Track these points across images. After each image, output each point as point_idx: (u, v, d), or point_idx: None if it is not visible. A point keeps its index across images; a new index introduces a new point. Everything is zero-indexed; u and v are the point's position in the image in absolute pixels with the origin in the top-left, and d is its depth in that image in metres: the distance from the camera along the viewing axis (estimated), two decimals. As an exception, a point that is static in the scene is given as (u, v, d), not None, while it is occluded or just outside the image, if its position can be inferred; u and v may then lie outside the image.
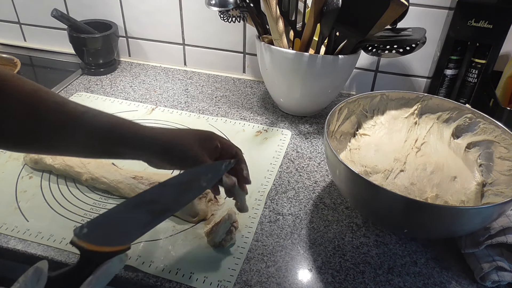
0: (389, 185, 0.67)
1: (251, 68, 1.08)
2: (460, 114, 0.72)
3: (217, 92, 1.02)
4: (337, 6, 0.72)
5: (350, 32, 0.76)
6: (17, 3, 1.14)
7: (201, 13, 1.02)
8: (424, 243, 0.63)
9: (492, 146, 0.67)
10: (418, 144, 0.73)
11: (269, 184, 0.73)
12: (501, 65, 0.87)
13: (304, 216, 0.67)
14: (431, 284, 0.58)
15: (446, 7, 0.88)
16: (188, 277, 0.56)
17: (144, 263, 0.58)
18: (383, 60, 0.98)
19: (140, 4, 1.05)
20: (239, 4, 0.81)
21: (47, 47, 1.19)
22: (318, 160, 0.80)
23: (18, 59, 0.92)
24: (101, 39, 1.02)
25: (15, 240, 0.61)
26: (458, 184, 0.67)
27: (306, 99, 0.88)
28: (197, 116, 0.91)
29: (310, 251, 0.62)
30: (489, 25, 0.81)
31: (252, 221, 0.66)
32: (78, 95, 0.97)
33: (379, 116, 0.76)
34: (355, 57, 0.83)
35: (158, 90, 1.01)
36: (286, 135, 0.87)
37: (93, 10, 1.09)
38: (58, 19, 0.97)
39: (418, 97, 0.74)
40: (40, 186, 0.71)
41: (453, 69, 0.89)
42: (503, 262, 0.56)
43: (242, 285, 0.56)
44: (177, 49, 1.10)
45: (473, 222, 0.54)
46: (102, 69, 1.07)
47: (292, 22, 0.81)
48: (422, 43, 0.77)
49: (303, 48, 0.82)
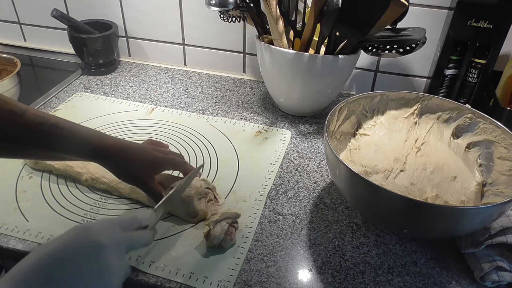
0: (389, 185, 0.67)
1: (251, 68, 1.08)
2: (460, 114, 0.72)
3: (217, 92, 1.02)
4: (337, 6, 0.72)
5: (350, 32, 0.76)
6: (17, 3, 1.14)
7: (201, 13, 1.02)
8: (424, 243, 0.63)
9: (492, 146, 0.67)
10: (418, 144, 0.73)
11: (269, 184, 0.73)
12: (501, 65, 0.87)
13: (304, 216, 0.67)
14: (431, 284, 0.58)
15: (446, 7, 0.88)
16: (188, 277, 0.56)
17: (144, 263, 0.58)
18: (383, 60, 0.98)
19: (140, 4, 1.05)
20: (239, 4, 0.81)
21: (47, 47, 1.19)
22: (318, 160, 0.80)
23: (18, 59, 0.91)
24: (101, 39, 1.02)
25: (15, 240, 0.61)
26: (458, 184, 0.67)
27: (306, 99, 0.88)
28: (197, 116, 0.91)
29: (310, 251, 0.62)
30: (489, 25, 0.81)
31: (252, 221, 0.66)
32: (78, 95, 0.97)
33: (379, 116, 0.76)
34: (355, 57, 0.83)
35: (158, 90, 1.01)
36: (286, 135, 0.87)
37: (93, 10, 1.09)
38: (58, 19, 0.97)
39: (418, 97, 0.74)
40: (40, 186, 0.71)
41: (453, 69, 0.89)
42: (503, 262, 0.56)
43: (242, 285, 0.56)
44: (177, 49, 1.10)
45: (473, 222, 0.54)
46: (102, 69, 1.07)
47: (292, 22, 0.81)
48: (422, 43, 0.77)
49: (303, 48, 0.82)
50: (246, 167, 0.77)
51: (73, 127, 0.58)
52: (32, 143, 0.55)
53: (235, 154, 0.80)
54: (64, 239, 0.42)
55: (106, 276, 0.42)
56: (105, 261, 0.42)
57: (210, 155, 0.80)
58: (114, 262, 0.43)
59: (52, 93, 0.98)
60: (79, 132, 0.58)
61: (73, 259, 0.40)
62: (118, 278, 0.44)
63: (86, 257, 0.41)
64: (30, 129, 0.53)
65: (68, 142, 0.56)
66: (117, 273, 0.43)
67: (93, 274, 0.41)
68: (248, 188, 0.72)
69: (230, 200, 0.69)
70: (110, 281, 0.42)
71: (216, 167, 0.77)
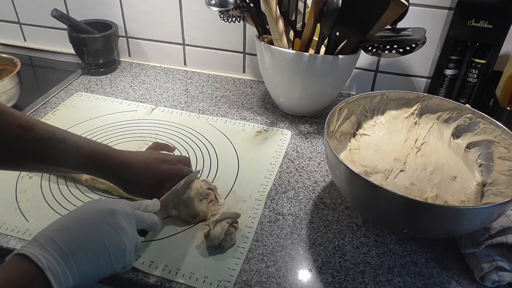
0: (389, 185, 0.67)
1: (251, 68, 1.08)
2: (460, 114, 0.72)
3: (217, 92, 1.02)
4: (337, 6, 0.72)
5: (350, 32, 0.76)
6: (17, 3, 1.14)
7: (201, 13, 1.02)
8: (424, 243, 0.63)
9: (492, 146, 0.67)
10: (418, 144, 0.73)
11: (269, 184, 0.73)
12: (501, 65, 0.87)
13: (304, 216, 0.67)
14: (431, 284, 0.58)
15: (446, 7, 0.88)
16: (188, 277, 0.56)
17: (144, 263, 0.58)
18: (383, 60, 0.98)
19: (140, 4, 1.05)
20: (239, 4, 0.81)
21: (47, 47, 1.19)
22: (318, 160, 0.80)
23: (18, 59, 0.91)
24: (101, 39, 1.02)
25: (15, 240, 0.61)
26: (458, 184, 0.67)
27: (306, 99, 0.88)
28: (197, 116, 0.91)
29: (310, 251, 0.62)
30: (489, 25, 0.81)
31: (252, 221, 0.66)
32: (78, 95, 0.97)
33: (379, 116, 0.76)
34: (355, 57, 0.83)
35: (158, 90, 1.01)
36: (286, 135, 0.87)
37: (93, 10, 1.09)
38: (58, 19, 0.97)
39: (418, 97, 0.74)
40: (40, 186, 0.71)
41: (453, 69, 0.89)
42: (503, 262, 0.56)
43: (242, 285, 0.56)
44: (177, 49, 1.10)
45: (473, 222, 0.54)
46: (102, 69, 1.07)
47: (292, 22, 0.81)
48: (422, 43, 0.77)
49: (303, 48, 0.82)
50: (246, 167, 0.77)
51: (81, 142, 0.57)
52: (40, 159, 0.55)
53: (235, 154, 0.80)
54: (80, 209, 0.48)
55: (121, 236, 0.46)
56: (118, 223, 0.47)
57: (210, 155, 0.80)
58: (126, 227, 0.47)
59: (52, 93, 0.98)
60: (87, 147, 0.57)
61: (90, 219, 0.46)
62: (131, 245, 0.48)
63: (102, 217, 0.46)
64: (38, 144, 0.53)
65: (76, 158, 0.56)
66: (130, 239, 0.48)
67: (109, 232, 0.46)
68: (248, 188, 0.72)
69: (230, 200, 0.69)
70: (125, 243, 0.47)
71: (216, 167, 0.77)
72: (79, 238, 0.44)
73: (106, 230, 0.46)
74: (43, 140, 0.53)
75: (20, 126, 0.52)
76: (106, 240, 0.45)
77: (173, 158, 0.66)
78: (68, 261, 0.42)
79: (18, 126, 0.52)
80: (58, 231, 0.44)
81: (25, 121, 0.53)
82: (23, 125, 0.52)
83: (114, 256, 0.45)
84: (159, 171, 0.62)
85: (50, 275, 0.40)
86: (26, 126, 0.52)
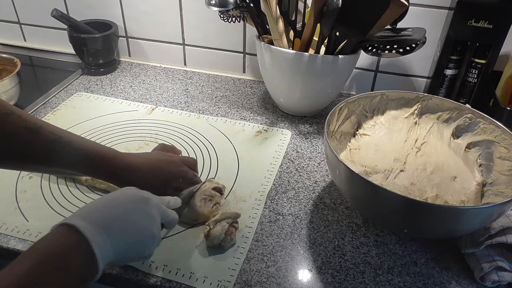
0: (389, 185, 0.67)
1: (251, 68, 1.08)
2: (460, 114, 0.72)
3: (217, 92, 1.02)
4: (337, 6, 0.72)
5: (350, 32, 0.76)
6: (17, 3, 1.14)
7: (201, 13, 1.02)
8: (424, 243, 0.63)
9: (492, 146, 0.67)
10: (418, 144, 0.73)
11: (269, 184, 0.73)
12: (501, 65, 0.87)
13: (304, 216, 0.67)
14: (431, 284, 0.58)
15: (446, 7, 0.88)
16: (188, 277, 0.56)
17: (144, 263, 0.58)
18: (383, 60, 0.98)
19: (140, 4, 1.05)
20: (239, 4, 0.81)
21: (47, 47, 1.19)
22: (318, 160, 0.80)
23: (18, 59, 0.91)
24: (101, 39, 1.02)
25: (15, 240, 0.61)
26: (458, 184, 0.67)
27: (306, 99, 0.88)
28: (197, 116, 0.91)
29: (310, 251, 0.62)
30: (489, 25, 0.81)
31: (252, 221, 0.66)
32: (78, 95, 0.97)
33: (379, 116, 0.76)
34: (355, 57, 0.83)
35: (158, 90, 1.01)
36: (286, 135, 0.87)
37: (93, 10, 1.09)
38: (58, 19, 0.97)
39: (418, 97, 0.74)
40: (40, 186, 0.71)
41: (453, 69, 0.89)
42: (503, 262, 0.56)
43: (242, 285, 0.56)
44: (177, 49, 1.10)
45: (473, 222, 0.54)
46: (102, 69, 1.07)
47: (292, 22, 0.81)
48: (422, 43, 0.77)
49: (303, 48, 0.82)
50: (246, 167, 0.77)
51: (87, 145, 0.57)
52: (46, 161, 0.55)
53: (235, 154, 0.80)
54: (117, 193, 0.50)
55: (152, 224, 0.49)
56: (151, 211, 0.49)
57: (210, 155, 0.80)
58: (156, 217, 0.50)
59: (52, 93, 0.98)
60: (93, 150, 0.57)
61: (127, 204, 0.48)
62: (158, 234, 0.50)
63: (138, 203, 0.49)
64: (45, 147, 0.53)
65: (82, 162, 0.56)
66: (158, 229, 0.50)
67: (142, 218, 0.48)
68: (248, 188, 0.72)
69: (230, 200, 0.69)
70: (154, 231, 0.49)
71: (216, 167, 0.77)
72: (116, 219, 0.46)
73: (140, 215, 0.48)
74: (49, 142, 0.53)
75: (28, 128, 0.52)
76: (140, 225, 0.47)
77: (179, 160, 0.66)
78: (109, 237, 0.44)
79: (25, 128, 0.52)
80: (97, 211, 0.46)
81: (33, 123, 0.53)
82: (30, 127, 0.52)
83: (145, 242, 0.48)
84: (164, 173, 0.62)
85: (95, 246, 0.42)
86: (33, 129, 0.52)
